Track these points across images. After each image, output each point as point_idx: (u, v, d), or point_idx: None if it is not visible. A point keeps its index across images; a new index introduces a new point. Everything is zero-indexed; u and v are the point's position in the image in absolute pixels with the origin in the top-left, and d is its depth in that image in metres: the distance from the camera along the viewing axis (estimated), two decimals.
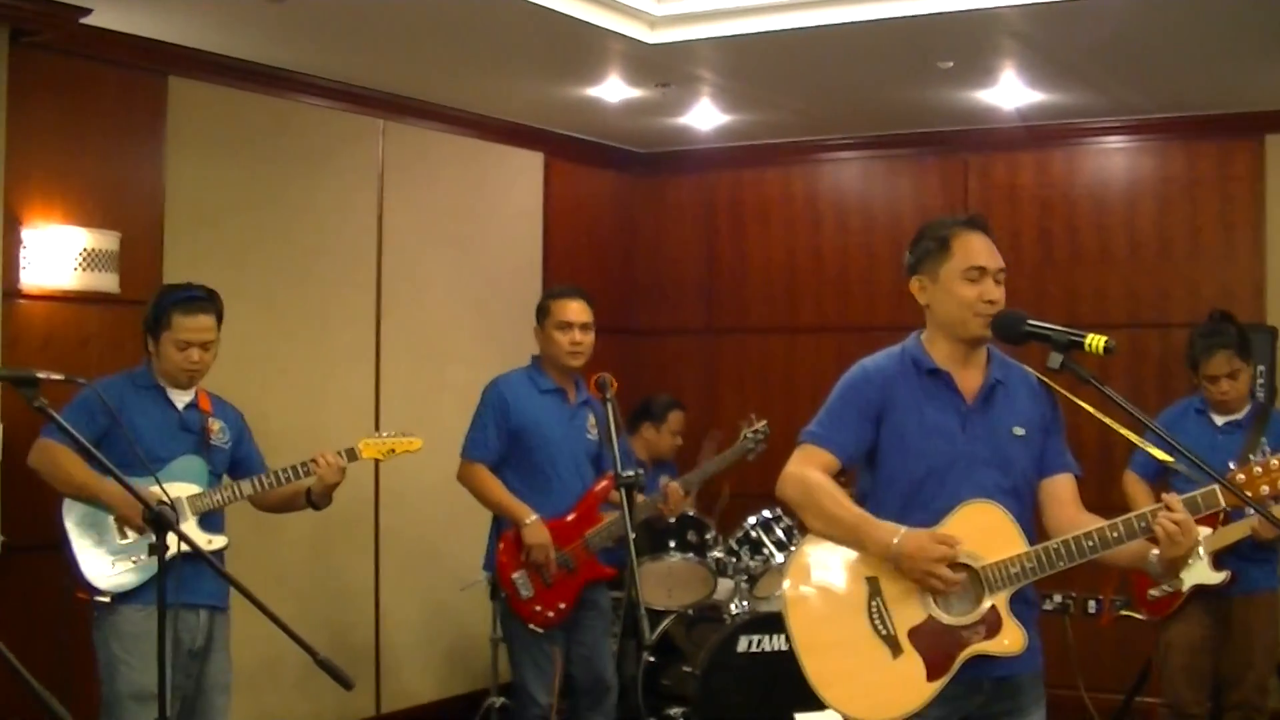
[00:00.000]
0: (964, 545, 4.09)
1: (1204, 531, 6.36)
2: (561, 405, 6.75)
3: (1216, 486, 4.05)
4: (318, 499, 5.84)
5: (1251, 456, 6.23)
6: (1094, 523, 4.17)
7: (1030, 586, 4.18)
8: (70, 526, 5.43)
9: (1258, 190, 8.50)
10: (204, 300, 5.61)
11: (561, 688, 6.73)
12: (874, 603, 4.12)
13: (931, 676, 4.08)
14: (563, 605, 6.63)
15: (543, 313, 6.77)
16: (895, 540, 4.04)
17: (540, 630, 6.60)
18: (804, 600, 4.21)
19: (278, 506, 5.93)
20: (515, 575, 6.57)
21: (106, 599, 5.38)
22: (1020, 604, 4.14)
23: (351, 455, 5.89)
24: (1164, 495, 4.06)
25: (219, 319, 5.64)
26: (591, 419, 6.81)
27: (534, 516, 6.55)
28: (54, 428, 5.05)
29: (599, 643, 6.84)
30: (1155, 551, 4.07)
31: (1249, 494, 4.10)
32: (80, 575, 5.40)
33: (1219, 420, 6.62)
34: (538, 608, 6.59)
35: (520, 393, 6.72)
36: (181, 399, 5.64)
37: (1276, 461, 4.14)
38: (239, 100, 7.42)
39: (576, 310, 6.73)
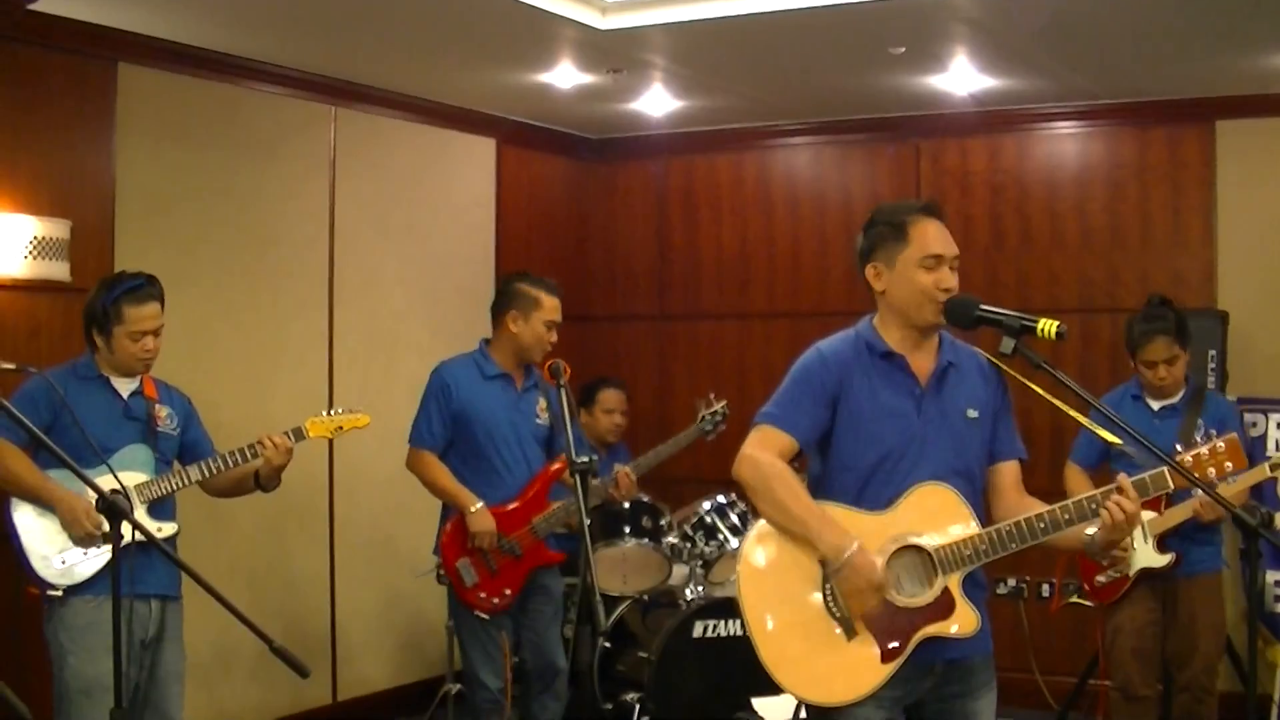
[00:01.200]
0: (916, 521, 4.13)
1: (1148, 515, 6.42)
2: (507, 390, 6.74)
3: (1166, 469, 4.09)
4: (265, 481, 5.82)
5: (1196, 438, 6.29)
6: (1037, 508, 4.21)
7: (979, 569, 4.20)
8: (17, 521, 5.37)
9: (1208, 176, 8.54)
10: (149, 287, 5.59)
11: (515, 673, 6.74)
12: (828, 586, 4.12)
13: (886, 659, 4.10)
14: (508, 592, 6.64)
15: (531, 303, 6.70)
16: (849, 551, 4.05)
17: (486, 617, 6.61)
18: (758, 584, 4.21)
19: (227, 490, 5.90)
20: (459, 563, 6.59)
21: (58, 593, 5.34)
22: (970, 586, 4.17)
23: (299, 435, 5.87)
24: (1119, 478, 4.09)
25: (163, 304, 5.63)
26: (542, 403, 6.82)
27: (478, 504, 6.55)
28: (1, 422, 5.05)
29: (549, 628, 6.86)
30: (1092, 530, 4.11)
31: (1196, 476, 4.13)
32: (30, 570, 5.35)
33: (1155, 405, 6.68)
34: (482, 594, 6.60)
35: (463, 378, 6.71)
36: (126, 387, 5.61)
37: (1223, 445, 4.17)
38: (189, 87, 7.38)
39: (559, 309, 6.78)
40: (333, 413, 6.10)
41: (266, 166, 7.84)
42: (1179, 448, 4.28)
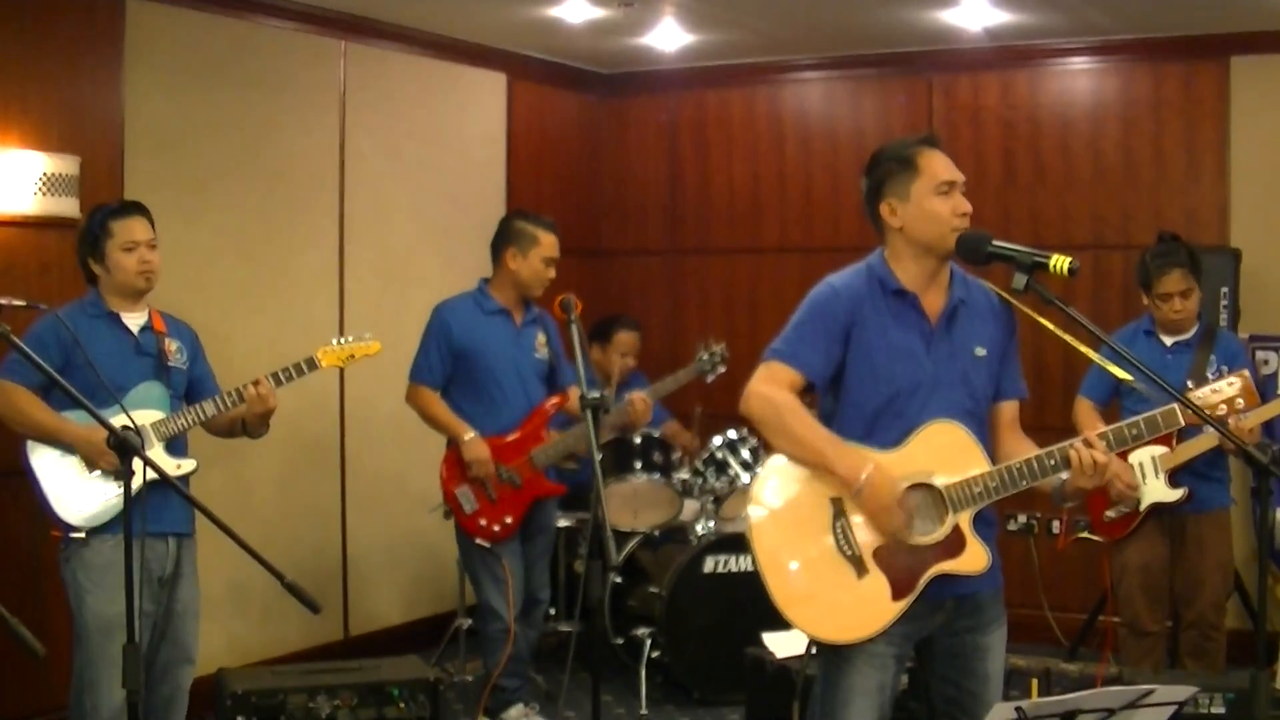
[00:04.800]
0: (927, 459, 4.13)
1: (1160, 450, 6.43)
2: (506, 325, 6.90)
3: (1176, 405, 4.09)
4: (251, 429, 5.78)
5: (1208, 374, 6.31)
6: (1032, 448, 4.24)
7: (990, 506, 4.21)
8: (36, 465, 5.36)
9: (1222, 112, 8.49)
10: (132, 205, 5.58)
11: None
12: (839, 524, 4.14)
13: (897, 596, 4.11)
14: (509, 520, 6.77)
15: (530, 240, 6.86)
16: (865, 473, 4.06)
17: (488, 545, 6.70)
18: (768, 523, 4.23)
19: (223, 432, 5.86)
20: (458, 490, 6.78)
21: (81, 535, 5.32)
22: (980, 524, 4.18)
23: (311, 365, 5.83)
24: (1087, 434, 4.10)
25: (151, 223, 5.58)
26: (541, 337, 6.97)
27: (471, 433, 6.72)
28: (9, 368, 5.05)
29: (538, 561, 7.07)
30: (1064, 475, 4.12)
31: (1207, 411, 4.14)
32: (52, 513, 5.33)
33: (1168, 341, 6.68)
34: (483, 521, 6.73)
35: (463, 315, 6.87)
36: (135, 322, 5.57)
37: (1239, 380, 4.17)
38: (198, 22, 7.34)
39: (556, 245, 6.93)
40: (344, 341, 6.06)
41: (276, 101, 7.81)
42: (1190, 384, 4.28)
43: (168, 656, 5.56)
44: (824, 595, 4.14)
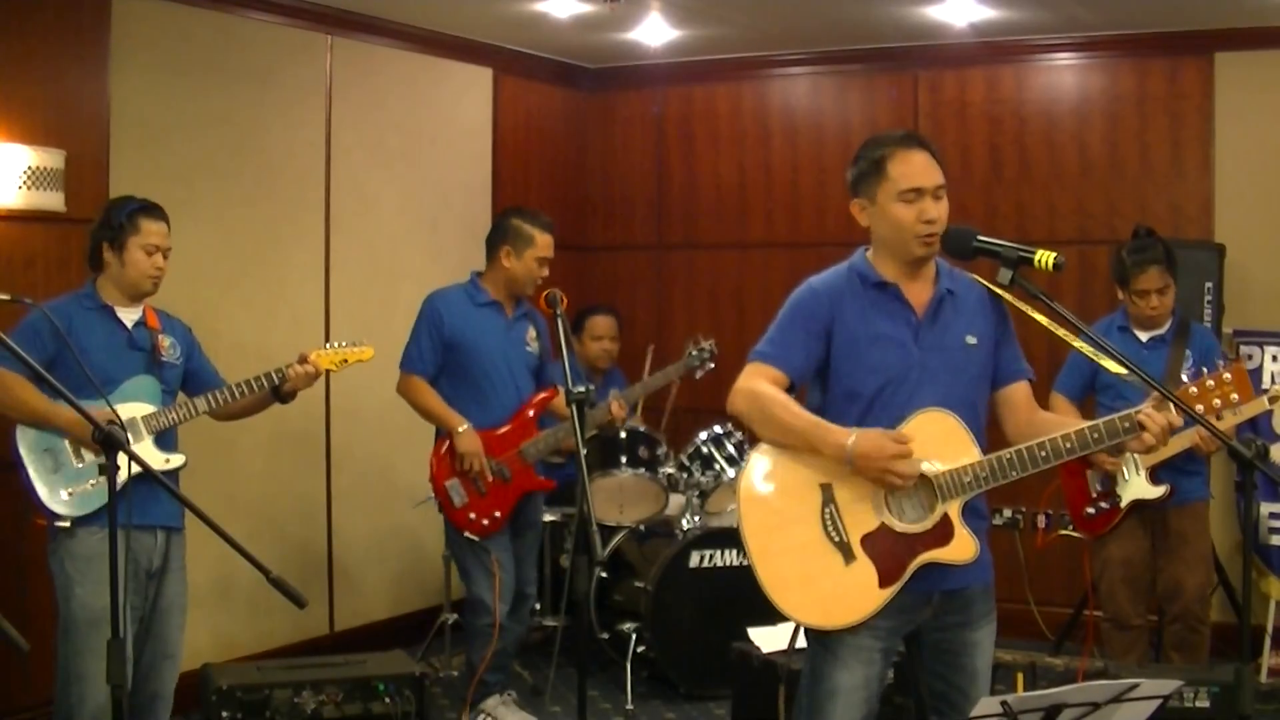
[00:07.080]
0: (917, 448, 4.12)
1: None
2: (498, 317, 6.90)
3: (1167, 402, 4.09)
4: (286, 396, 5.83)
5: (1184, 369, 6.33)
6: (1052, 422, 4.29)
7: (981, 499, 4.23)
8: (24, 452, 5.37)
9: (1207, 108, 8.51)
10: (160, 209, 5.61)
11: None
12: (827, 510, 4.15)
13: (884, 583, 4.13)
14: (498, 514, 6.78)
15: (525, 240, 6.85)
16: (850, 441, 4.06)
17: (477, 538, 6.70)
18: (757, 508, 4.23)
19: (241, 413, 5.89)
20: (448, 483, 6.76)
21: (66, 524, 5.33)
22: (971, 516, 4.19)
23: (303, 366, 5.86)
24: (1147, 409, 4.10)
25: (169, 231, 5.63)
26: (531, 332, 6.99)
27: (466, 425, 6.71)
28: (2, 353, 5.03)
29: (526, 556, 7.07)
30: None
31: (1200, 407, 4.15)
32: (38, 501, 5.34)
33: (1143, 336, 6.70)
34: (472, 515, 6.73)
35: (455, 306, 6.87)
36: (130, 317, 5.58)
37: (1230, 375, 4.18)
38: (184, 16, 7.32)
39: (552, 245, 6.91)
40: (338, 345, 6.05)
41: (262, 95, 7.79)
42: (1185, 378, 4.28)
43: (152, 652, 5.56)
44: (812, 581, 4.15)
